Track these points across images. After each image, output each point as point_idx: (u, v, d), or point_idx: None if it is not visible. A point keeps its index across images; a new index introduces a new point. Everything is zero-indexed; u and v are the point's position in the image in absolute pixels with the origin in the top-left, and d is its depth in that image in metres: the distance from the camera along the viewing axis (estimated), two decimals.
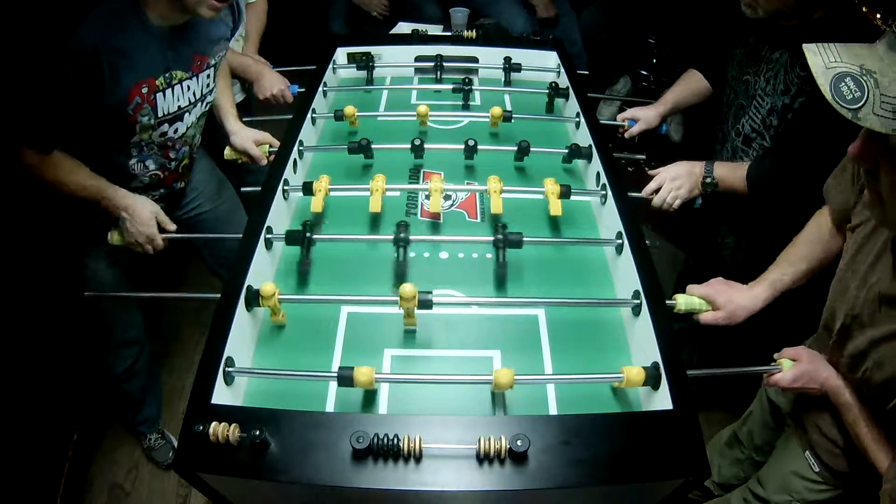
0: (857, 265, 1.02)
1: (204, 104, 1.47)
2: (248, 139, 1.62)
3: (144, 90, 1.27)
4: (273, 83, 1.91)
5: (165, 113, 1.35)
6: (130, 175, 1.43)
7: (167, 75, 1.31)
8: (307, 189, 1.33)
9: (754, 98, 1.51)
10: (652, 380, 0.98)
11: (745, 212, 1.64)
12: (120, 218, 1.35)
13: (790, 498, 1.27)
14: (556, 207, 1.34)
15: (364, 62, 1.84)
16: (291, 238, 1.21)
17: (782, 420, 1.37)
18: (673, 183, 1.50)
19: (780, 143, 1.47)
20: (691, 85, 1.80)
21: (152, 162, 1.44)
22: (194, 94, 1.40)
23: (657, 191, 1.51)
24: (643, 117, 1.79)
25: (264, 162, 1.61)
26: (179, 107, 1.37)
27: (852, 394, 1.07)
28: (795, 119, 1.41)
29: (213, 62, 1.42)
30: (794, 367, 1.10)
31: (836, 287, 1.10)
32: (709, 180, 1.50)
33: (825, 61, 0.73)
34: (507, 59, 1.85)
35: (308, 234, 1.21)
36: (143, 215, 1.35)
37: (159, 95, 1.31)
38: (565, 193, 1.33)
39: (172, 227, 1.41)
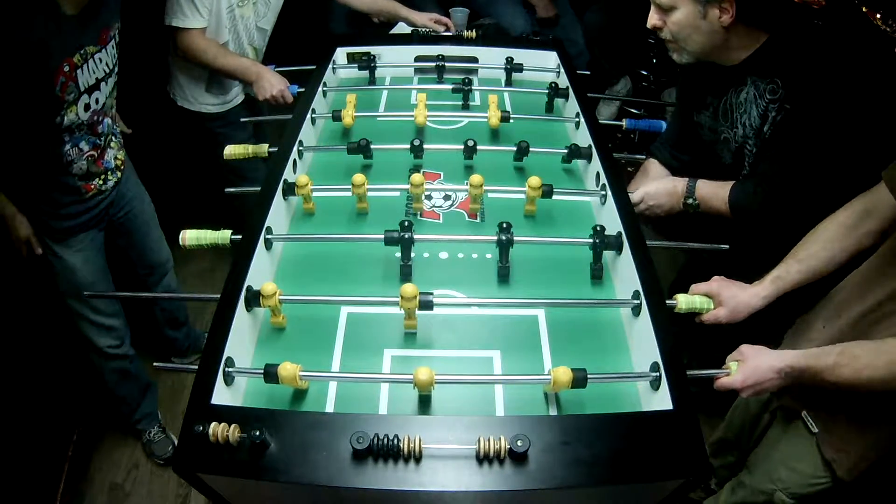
0: None
1: (114, 75, 1.54)
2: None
3: (66, 69, 1.35)
4: (273, 84, 1.92)
5: (86, 86, 1.43)
6: (67, 163, 1.50)
7: (82, 52, 1.38)
8: (290, 189, 1.33)
9: (743, 146, 1.42)
10: (580, 381, 0.95)
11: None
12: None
13: (774, 487, 1.26)
14: (531, 208, 1.36)
15: (365, 62, 1.84)
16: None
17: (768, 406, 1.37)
18: (652, 201, 1.49)
19: (761, 162, 1.39)
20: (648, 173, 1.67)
21: (85, 143, 1.52)
22: (107, 64, 1.48)
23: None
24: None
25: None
26: (97, 79, 1.45)
27: (819, 348, 1.02)
28: (774, 135, 1.34)
29: (112, 33, 1.48)
30: (740, 367, 1.05)
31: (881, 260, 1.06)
32: (690, 201, 1.46)
33: None
34: (509, 60, 1.85)
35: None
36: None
37: (79, 72, 1.39)
38: (547, 193, 1.33)
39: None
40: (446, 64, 1.85)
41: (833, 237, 1.14)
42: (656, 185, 1.50)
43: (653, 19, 1.33)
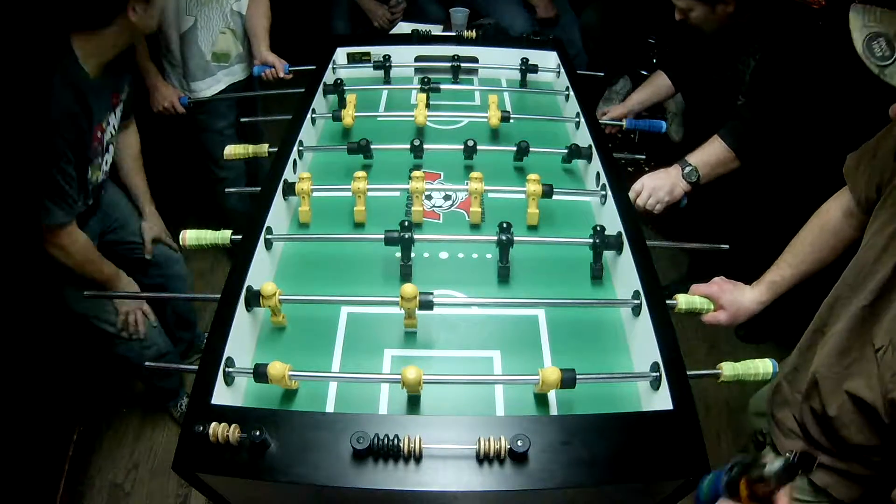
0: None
1: (117, 133, 1.62)
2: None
3: (99, 134, 1.45)
4: (164, 96, 2.00)
5: (103, 151, 1.53)
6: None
7: (108, 117, 1.48)
8: (290, 189, 1.33)
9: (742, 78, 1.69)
10: (569, 382, 0.95)
11: (744, 215, 1.67)
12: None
13: None
14: (533, 217, 1.33)
15: (381, 62, 1.84)
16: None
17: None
18: (652, 183, 1.54)
19: (748, 95, 1.64)
20: (658, 85, 1.98)
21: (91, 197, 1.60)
22: (114, 126, 1.56)
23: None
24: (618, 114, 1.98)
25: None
26: (107, 141, 1.53)
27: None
28: (755, 74, 1.62)
29: (122, 97, 1.57)
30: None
31: (861, 260, 1.05)
32: (687, 170, 1.54)
33: (864, 21, 0.81)
34: (525, 61, 1.85)
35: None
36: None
37: (104, 135, 1.49)
38: (547, 193, 1.32)
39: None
40: (441, 64, 1.85)
41: (817, 240, 1.17)
42: (651, 174, 1.57)
43: (678, 15, 1.69)
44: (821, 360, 1.08)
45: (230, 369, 0.98)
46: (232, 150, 1.57)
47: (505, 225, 1.20)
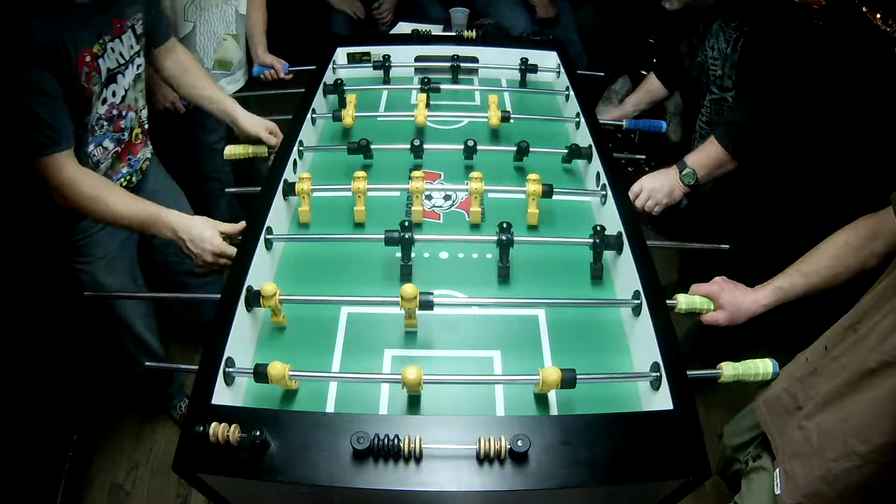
0: None
1: (135, 66, 1.50)
2: (260, 125, 1.63)
3: (88, 59, 1.32)
4: (165, 96, 1.96)
5: (105, 77, 1.40)
6: (93, 166, 1.45)
7: (101, 42, 1.36)
8: (290, 189, 1.33)
9: (709, 69, 1.66)
10: (569, 382, 0.95)
11: (744, 216, 1.66)
12: (179, 241, 1.33)
13: None
14: (533, 217, 1.33)
15: (381, 62, 1.84)
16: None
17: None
18: (650, 185, 1.53)
19: (736, 89, 1.60)
20: (649, 88, 1.96)
21: (109, 140, 1.48)
22: (121, 54, 1.43)
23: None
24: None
25: (274, 142, 1.62)
26: (109, 69, 1.40)
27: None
28: (741, 57, 1.55)
29: (129, 24, 1.45)
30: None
31: None
32: (685, 172, 1.53)
33: None
34: (525, 60, 1.86)
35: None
36: (203, 234, 1.31)
37: (100, 61, 1.36)
38: (547, 193, 1.32)
39: (238, 227, 1.35)
40: (441, 64, 1.86)
41: (838, 255, 1.13)
42: (650, 175, 1.56)
43: None
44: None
45: (230, 369, 0.98)
46: (232, 151, 1.57)
47: (505, 225, 1.20)
